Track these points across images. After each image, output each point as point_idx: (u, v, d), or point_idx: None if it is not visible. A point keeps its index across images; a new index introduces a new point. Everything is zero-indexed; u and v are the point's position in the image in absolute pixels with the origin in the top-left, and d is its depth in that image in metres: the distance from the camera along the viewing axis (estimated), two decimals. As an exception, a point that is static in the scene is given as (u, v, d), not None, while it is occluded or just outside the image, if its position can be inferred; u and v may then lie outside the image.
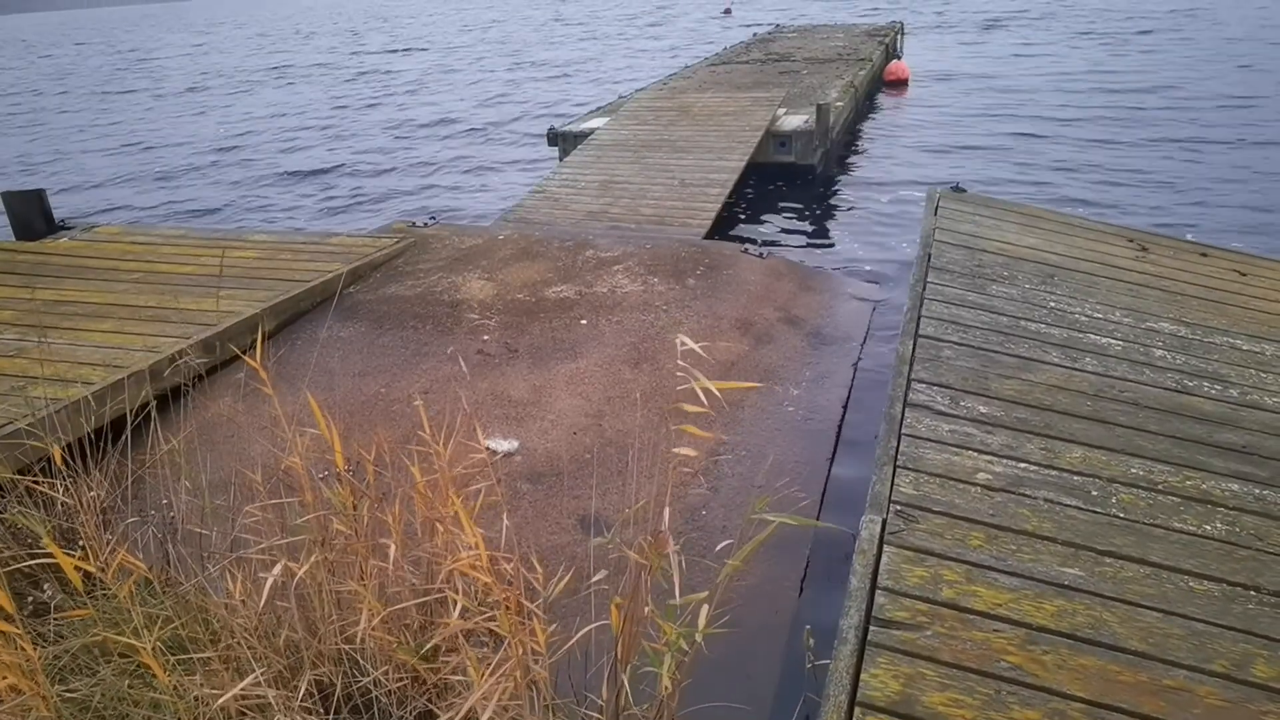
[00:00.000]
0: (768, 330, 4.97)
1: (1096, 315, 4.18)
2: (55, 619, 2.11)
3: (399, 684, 2.07)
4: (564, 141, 9.96)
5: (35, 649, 1.63)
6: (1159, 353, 3.84)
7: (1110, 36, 20.01)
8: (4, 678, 1.67)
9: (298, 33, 44.64)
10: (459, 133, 14.71)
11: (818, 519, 3.42)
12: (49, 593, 2.49)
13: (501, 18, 40.87)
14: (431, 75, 22.67)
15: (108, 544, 2.13)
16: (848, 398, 4.35)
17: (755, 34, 20.22)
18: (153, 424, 2.68)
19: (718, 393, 1.70)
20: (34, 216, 6.59)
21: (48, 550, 1.90)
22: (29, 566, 2.23)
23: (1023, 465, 2.92)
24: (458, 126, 15.26)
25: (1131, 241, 5.34)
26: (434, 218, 7.15)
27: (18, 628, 1.57)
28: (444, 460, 1.81)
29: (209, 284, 5.35)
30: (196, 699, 1.84)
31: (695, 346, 1.67)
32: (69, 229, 6.77)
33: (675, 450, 1.87)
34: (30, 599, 2.47)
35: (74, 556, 1.76)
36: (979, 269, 4.62)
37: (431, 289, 5.52)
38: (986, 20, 25.40)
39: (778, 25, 22.34)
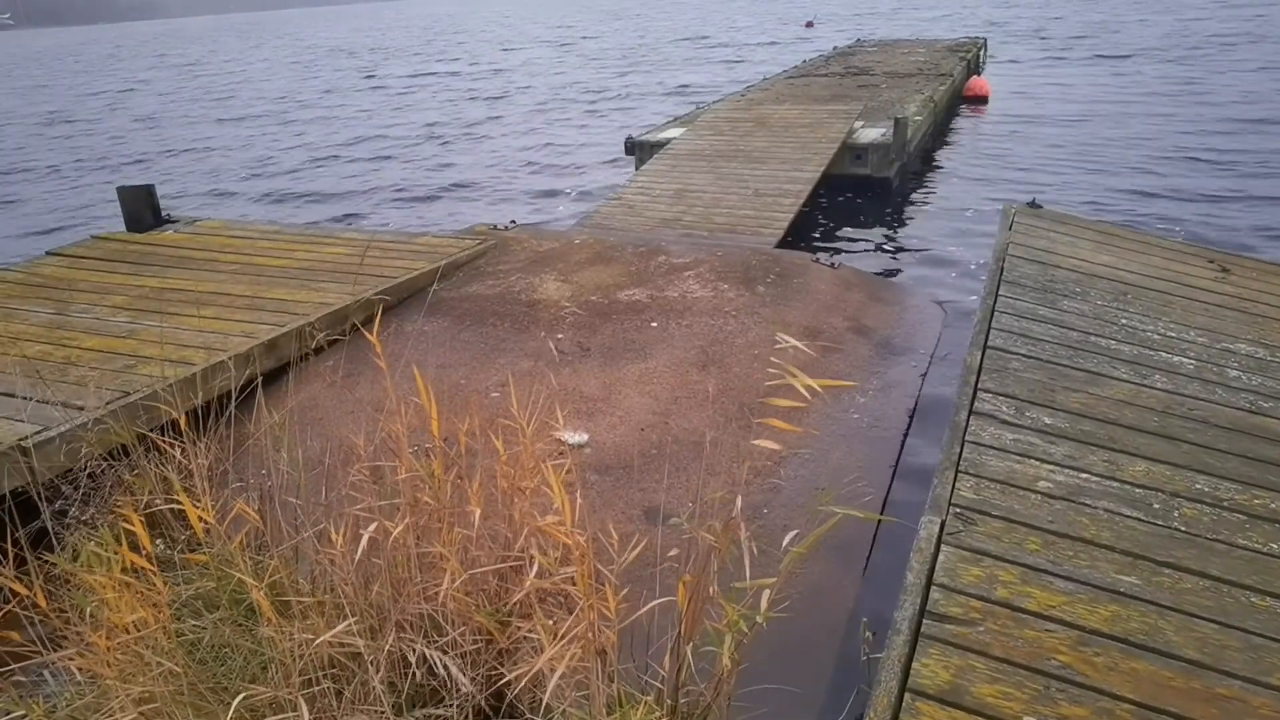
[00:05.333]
0: (836, 339, 5.04)
1: (1170, 334, 4.15)
2: (179, 562, 2.33)
3: (474, 646, 2.23)
4: (641, 150, 10.15)
5: (166, 585, 1.83)
6: (1234, 373, 3.80)
7: (1201, 59, 19.38)
8: (134, 611, 1.88)
9: (384, 49, 45.97)
10: (539, 144, 15.07)
11: (878, 525, 3.48)
12: (160, 547, 2.73)
13: (570, 39, 41.43)
14: (510, 92, 23.16)
15: (212, 506, 2.34)
16: (914, 407, 4.39)
17: (835, 47, 20.17)
18: (257, 401, 2.91)
19: (818, 388, 1.80)
20: (143, 210, 7.03)
21: (165, 503, 2.12)
22: (146, 519, 2.45)
23: (1084, 476, 2.95)
24: (537, 139, 15.63)
25: (1212, 262, 5.25)
26: (514, 222, 7.39)
27: (152, 565, 1.77)
28: (527, 437, 1.97)
29: (302, 276, 5.67)
30: (290, 649, 2.02)
31: (797, 343, 1.78)
32: (174, 222, 7.20)
33: (755, 443, 1.98)
34: (144, 552, 2.71)
35: (198, 509, 1.97)
36: (1051, 284, 4.62)
37: (510, 289, 5.74)
38: (1072, 40, 24.83)
39: (858, 39, 22.24)
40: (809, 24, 36.67)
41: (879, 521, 3.44)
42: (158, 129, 20.19)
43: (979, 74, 16.78)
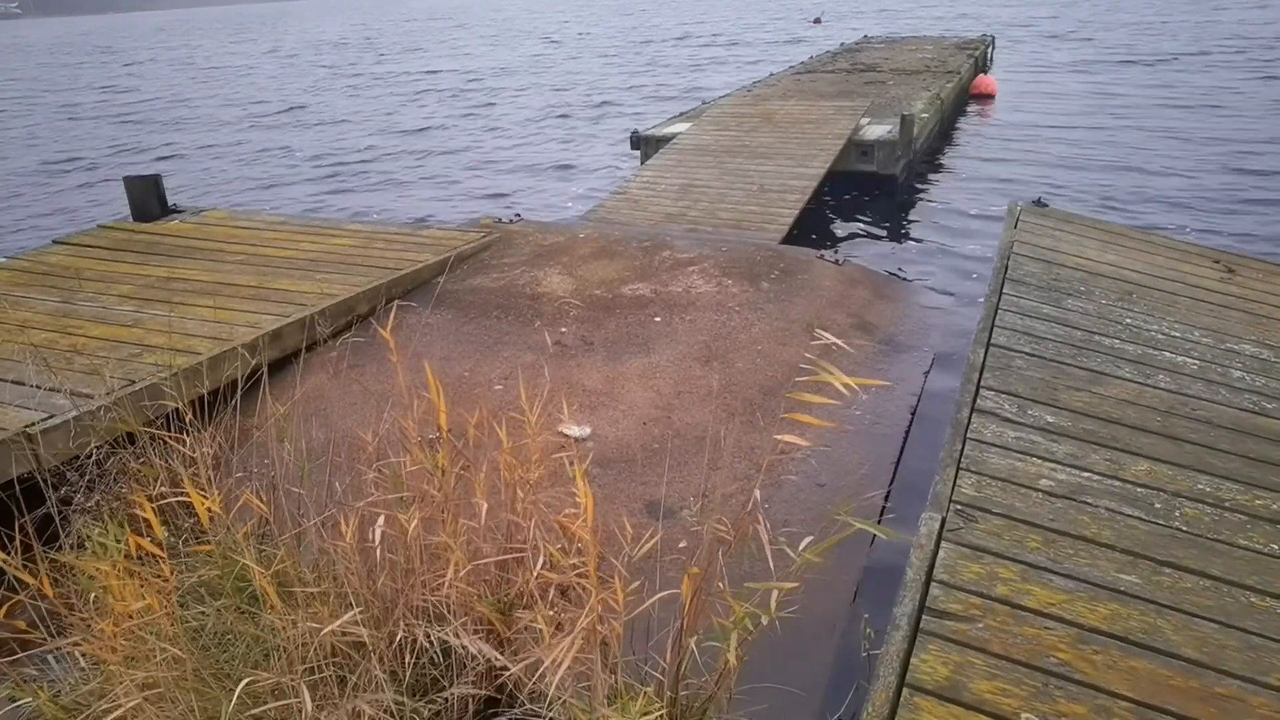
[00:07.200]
0: (839, 335, 5.03)
1: (1174, 334, 4.15)
2: (184, 551, 2.35)
3: (476, 636, 2.24)
4: (646, 145, 10.14)
5: (172, 573, 1.85)
6: (1237, 373, 3.80)
7: (1218, 63, 19.28)
8: (141, 599, 1.89)
9: (388, 44, 45.89)
10: (544, 139, 15.06)
11: (880, 520, 3.49)
12: (165, 535, 2.74)
13: (573, 34, 41.20)
14: (515, 87, 23.15)
15: (218, 495, 2.35)
16: (916, 404, 4.40)
17: (843, 44, 20.12)
18: (262, 391, 2.92)
19: (855, 385, 1.81)
20: (150, 200, 7.05)
21: (169, 492, 2.14)
22: (151, 509, 2.47)
23: (1086, 474, 2.96)
24: (542, 133, 15.63)
25: (1217, 262, 5.25)
26: (519, 215, 7.40)
27: (161, 550, 1.78)
28: (533, 430, 1.98)
29: (307, 267, 5.68)
30: (293, 637, 2.04)
31: (834, 340, 1.79)
32: (180, 212, 7.21)
33: (777, 437, 1.99)
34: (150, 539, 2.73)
35: (205, 499, 1.98)
36: (1055, 283, 4.62)
37: (514, 282, 5.75)
38: (1080, 39, 24.74)
39: (866, 36, 22.19)
40: (817, 20, 36.56)
41: (880, 522, 3.45)
42: (163, 122, 20.21)
43: (986, 72, 16.74)
